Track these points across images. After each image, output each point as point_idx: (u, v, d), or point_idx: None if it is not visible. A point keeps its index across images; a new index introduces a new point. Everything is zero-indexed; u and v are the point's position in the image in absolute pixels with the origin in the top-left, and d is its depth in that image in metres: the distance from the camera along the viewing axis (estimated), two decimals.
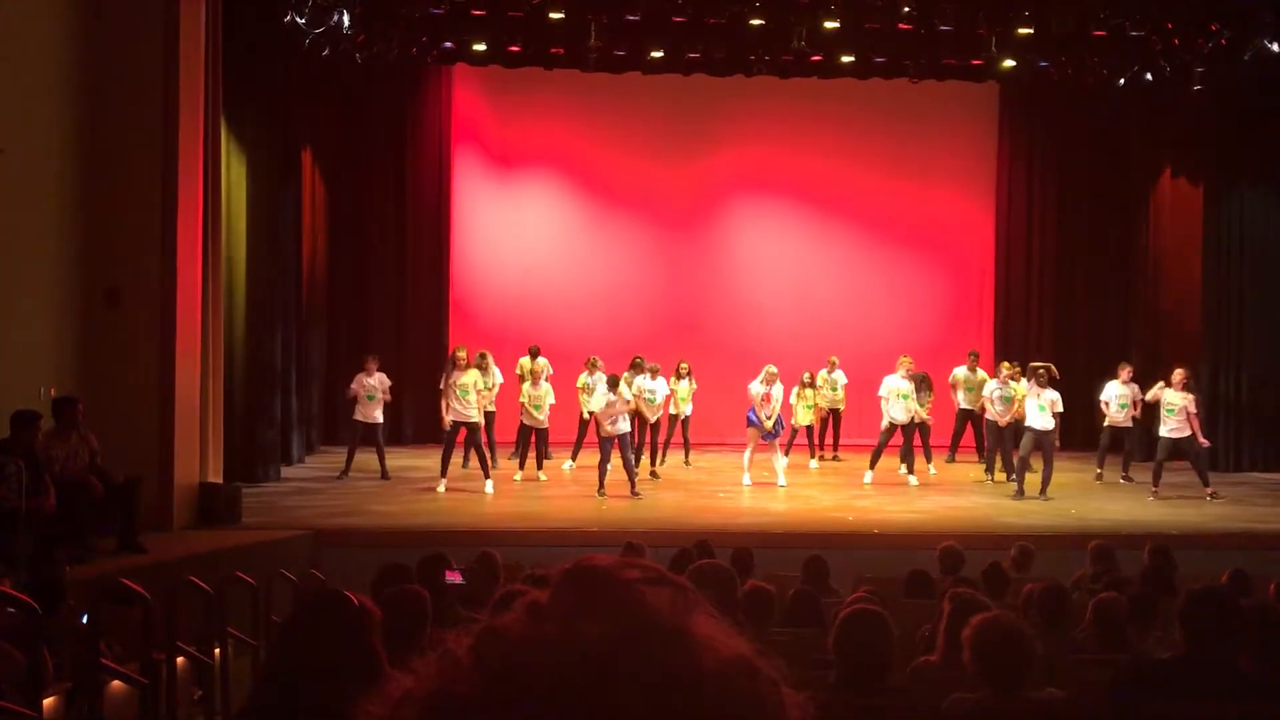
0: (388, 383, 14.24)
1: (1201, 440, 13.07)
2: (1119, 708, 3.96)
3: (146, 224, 10.49)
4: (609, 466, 12.73)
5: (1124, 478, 14.40)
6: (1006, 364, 14.73)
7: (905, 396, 13.94)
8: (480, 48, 15.23)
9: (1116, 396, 14.17)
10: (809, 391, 15.47)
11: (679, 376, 15.00)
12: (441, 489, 12.85)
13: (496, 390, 14.28)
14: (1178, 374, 13.27)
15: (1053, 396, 12.87)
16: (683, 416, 15.03)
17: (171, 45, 10.58)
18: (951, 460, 15.55)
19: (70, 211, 10.28)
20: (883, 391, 14.10)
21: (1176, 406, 13.02)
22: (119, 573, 7.43)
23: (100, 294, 10.39)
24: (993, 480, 14.03)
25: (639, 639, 0.76)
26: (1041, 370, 13.14)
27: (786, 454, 14.47)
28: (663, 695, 0.75)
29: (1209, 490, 12.99)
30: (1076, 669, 4.75)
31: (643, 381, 14.05)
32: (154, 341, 10.50)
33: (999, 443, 13.96)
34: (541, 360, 15.01)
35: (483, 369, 13.77)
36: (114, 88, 10.49)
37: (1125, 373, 14.35)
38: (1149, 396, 13.42)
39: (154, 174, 10.52)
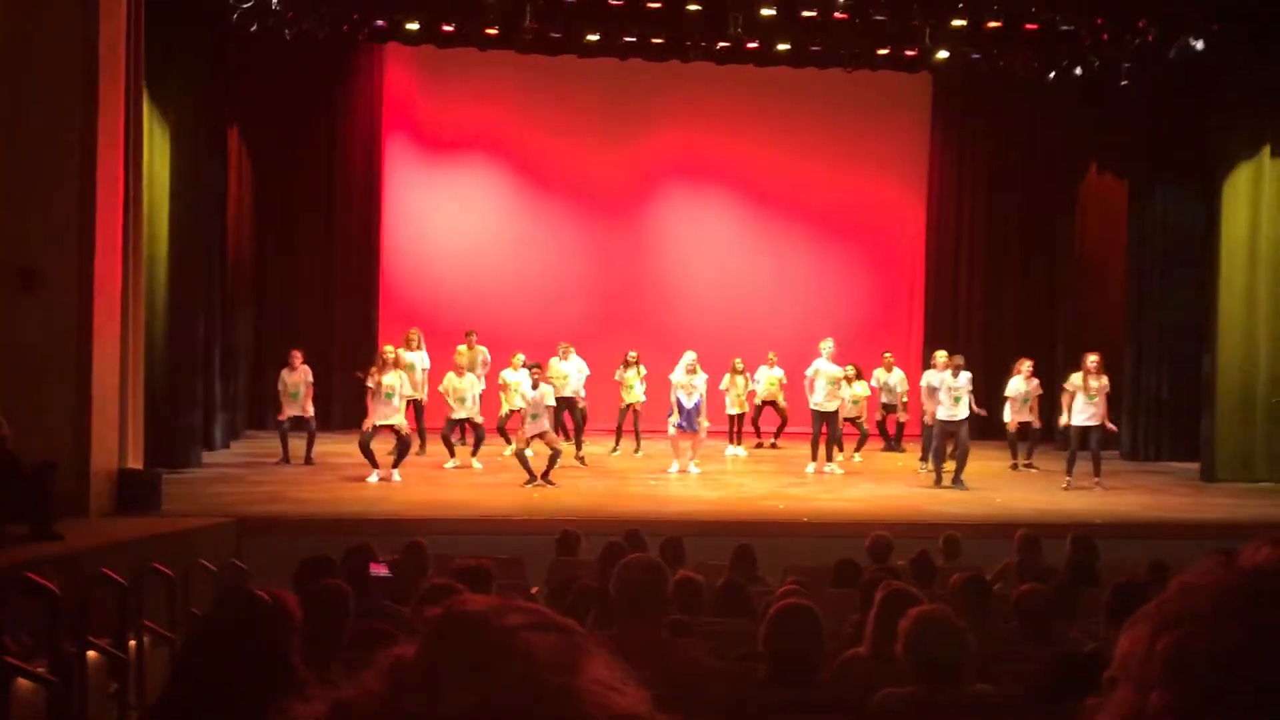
0: (309, 379, 13.89)
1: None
2: (1046, 702, 3.98)
3: (64, 202, 10.15)
4: (531, 454, 12.64)
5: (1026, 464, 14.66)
6: (943, 353, 14.28)
7: (832, 382, 13.86)
8: (413, 27, 14.98)
9: (1021, 394, 14.16)
10: (740, 379, 15.46)
11: (626, 365, 14.84)
12: (375, 479, 12.56)
13: (424, 376, 13.96)
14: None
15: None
16: (636, 405, 14.82)
17: (91, 17, 10.23)
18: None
19: None
20: (809, 373, 13.89)
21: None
22: (32, 561, 7.19)
23: (14, 274, 10.05)
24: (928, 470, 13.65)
25: (519, 704, 0.67)
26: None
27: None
28: None
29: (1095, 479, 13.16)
30: (1003, 663, 4.78)
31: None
32: (71, 322, 10.17)
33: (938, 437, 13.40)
34: (480, 348, 14.74)
35: (410, 349, 13.60)
36: (31, 62, 10.11)
37: (1026, 368, 14.20)
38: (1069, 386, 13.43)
39: (72, 150, 10.17)
